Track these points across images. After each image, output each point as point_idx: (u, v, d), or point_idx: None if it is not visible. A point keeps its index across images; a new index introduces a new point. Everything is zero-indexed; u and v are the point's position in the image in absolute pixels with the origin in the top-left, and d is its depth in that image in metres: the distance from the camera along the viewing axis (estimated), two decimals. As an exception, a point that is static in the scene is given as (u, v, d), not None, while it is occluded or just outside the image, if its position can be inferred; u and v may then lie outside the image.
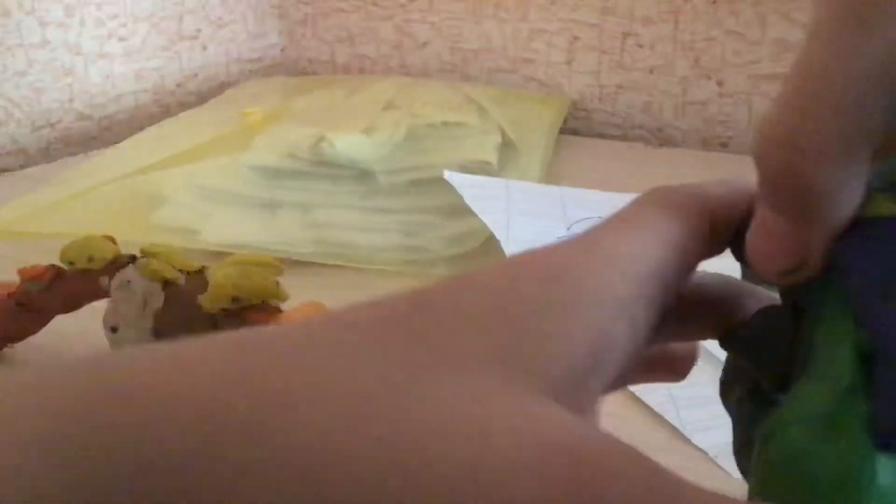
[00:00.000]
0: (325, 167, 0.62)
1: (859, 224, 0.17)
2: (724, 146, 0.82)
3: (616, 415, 0.38)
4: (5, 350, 0.43)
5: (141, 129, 0.77)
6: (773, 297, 0.20)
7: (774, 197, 0.17)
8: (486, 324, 0.15)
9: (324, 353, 0.14)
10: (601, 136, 0.86)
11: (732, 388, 0.20)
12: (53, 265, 0.40)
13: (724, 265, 0.20)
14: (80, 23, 0.82)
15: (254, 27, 1.00)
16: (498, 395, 0.14)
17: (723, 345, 0.20)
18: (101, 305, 0.40)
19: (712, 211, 0.19)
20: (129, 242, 0.41)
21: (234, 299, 0.35)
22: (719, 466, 0.35)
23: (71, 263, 0.40)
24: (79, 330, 0.42)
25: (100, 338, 0.38)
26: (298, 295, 0.37)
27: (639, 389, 0.40)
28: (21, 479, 0.12)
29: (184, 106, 0.89)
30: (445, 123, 0.71)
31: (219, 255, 0.51)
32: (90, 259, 0.39)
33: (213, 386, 0.13)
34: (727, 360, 0.21)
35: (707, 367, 0.42)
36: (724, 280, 0.21)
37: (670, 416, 0.38)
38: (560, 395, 0.15)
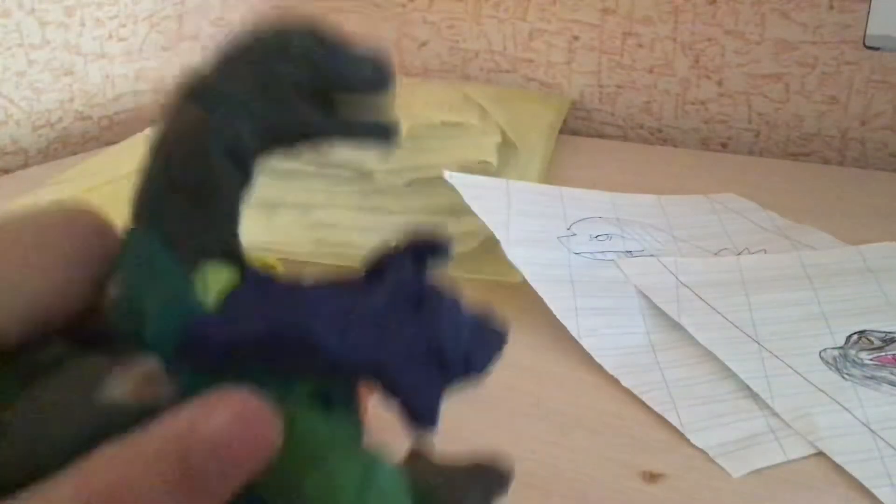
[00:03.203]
0: (325, 167, 0.62)
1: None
2: (724, 146, 0.82)
3: (616, 414, 0.38)
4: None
5: (141, 129, 0.77)
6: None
7: None
8: None
9: None
10: (601, 136, 0.86)
11: None
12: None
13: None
14: (80, 23, 0.81)
15: (254, 27, 1.00)
16: None
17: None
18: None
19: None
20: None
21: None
22: (719, 466, 0.35)
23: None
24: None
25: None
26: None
27: (639, 389, 0.40)
28: None
29: (184, 106, 0.89)
30: (445, 123, 0.71)
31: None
32: (90, 259, 0.39)
33: None
34: None
35: (707, 366, 0.42)
36: None
37: (670, 416, 0.38)
38: None
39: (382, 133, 0.18)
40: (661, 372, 0.41)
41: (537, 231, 0.52)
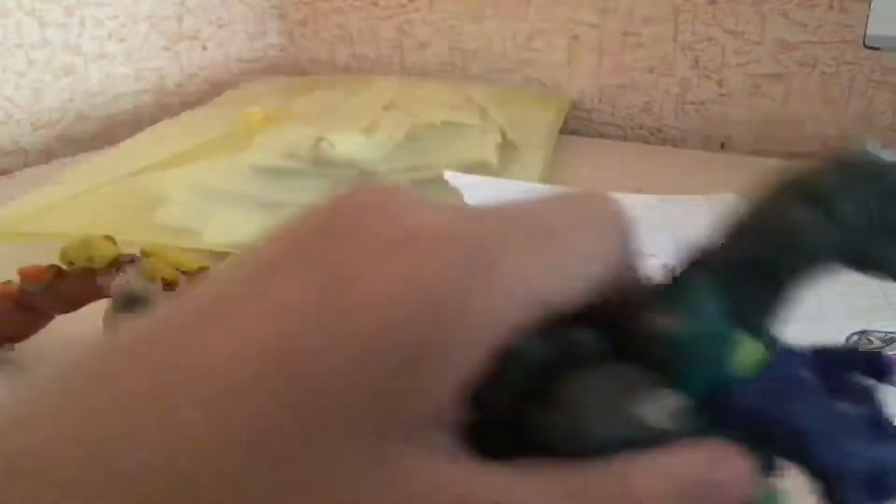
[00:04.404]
0: (325, 167, 0.62)
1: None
2: (724, 146, 0.82)
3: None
4: (5, 350, 0.43)
5: (141, 129, 0.77)
6: None
7: None
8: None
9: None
10: (601, 136, 0.86)
11: None
12: (53, 265, 0.40)
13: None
14: (80, 23, 0.81)
15: (254, 27, 1.00)
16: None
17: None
18: (101, 305, 0.40)
19: None
20: (129, 242, 0.41)
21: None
22: (719, 466, 0.35)
23: (71, 263, 0.40)
24: (79, 330, 0.42)
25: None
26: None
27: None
28: None
29: (184, 106, 0.89)
30: (445, 123, 0.71)
31: (219, 255, 0.51)
32: (90, 259, 0.39)
33: None
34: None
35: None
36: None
37: (670, 416, 0.38)
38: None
39: None
40: (662, 372, 0.41)
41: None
